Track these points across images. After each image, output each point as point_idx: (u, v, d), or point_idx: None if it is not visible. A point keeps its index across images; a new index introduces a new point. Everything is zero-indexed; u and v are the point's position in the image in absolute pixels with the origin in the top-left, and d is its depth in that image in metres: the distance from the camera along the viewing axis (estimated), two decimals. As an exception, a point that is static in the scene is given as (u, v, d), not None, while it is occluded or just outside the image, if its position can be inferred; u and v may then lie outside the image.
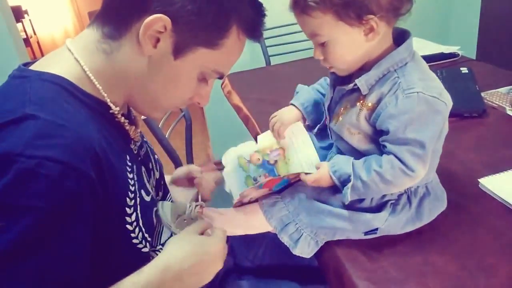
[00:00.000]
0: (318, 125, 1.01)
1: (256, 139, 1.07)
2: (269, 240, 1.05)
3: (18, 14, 5.27)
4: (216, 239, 0.72)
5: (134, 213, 0.69)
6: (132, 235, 0.68)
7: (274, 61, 2.39)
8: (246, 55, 0.82)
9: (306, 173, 0.85)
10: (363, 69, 0.80)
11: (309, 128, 1.04)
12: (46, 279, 0.55)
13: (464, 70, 1.56)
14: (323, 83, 1.04)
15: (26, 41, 5.21)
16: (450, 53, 1.81)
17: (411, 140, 0.74)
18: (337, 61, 0.80)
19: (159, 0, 0.62)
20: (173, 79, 0.69)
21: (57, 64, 0.66)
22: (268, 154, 1.01)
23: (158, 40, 0.64)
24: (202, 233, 0.74)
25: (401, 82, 0.75)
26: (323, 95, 1.02)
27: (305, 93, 1.03)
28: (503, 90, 1.42)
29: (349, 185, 0.78)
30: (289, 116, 1.01)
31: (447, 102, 0.75)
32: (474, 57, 2.08)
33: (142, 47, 0.64)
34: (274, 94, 1.68)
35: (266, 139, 1.04)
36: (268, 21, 0.73)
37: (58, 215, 0.55)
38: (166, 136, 1.47)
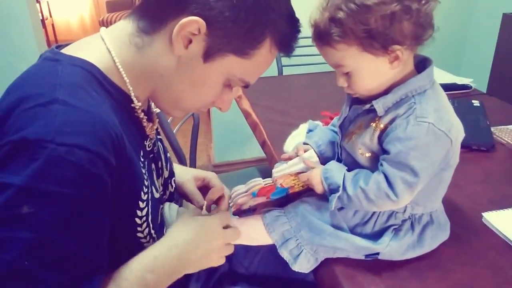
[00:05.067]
0: None
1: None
2: (266, 250, 1.05)
3: (37, -5, 5.29)
4: (218, 233, 0.76)
5: (146, 208, 0.69)
6: (139, 229, 0.69)
7: (286, 71, 2.40)
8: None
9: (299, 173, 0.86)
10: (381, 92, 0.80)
11: None
12: (72, 263, 0.56)
13: (476, 103, 1.56)
14: (335, 122, 1.04)
15: (42, 22, 5.22)
16: (462, 85, 1.82)
17: (409, 168, 0.74)
18: (362, 89, 0.80)
19: (199, 2, 0.63)
20: (199, 82, 0.70)
21: (89, 51, 0.66)
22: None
23: (190, 42, 0.65)
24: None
25: (416, 108, 0.75)
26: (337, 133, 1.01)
27: (319, 132, 1.01)
28: (513, 127, 1.43)
29: (336, 195, 0.79)
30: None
31: (453, 139, 0.75)
32: (484, 91, 2.09)
33: (174, 46, 0.65)
34: (284, 104, 1.69)
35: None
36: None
37: (86, 201, 0.56)
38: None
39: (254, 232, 0.87)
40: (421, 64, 0.80)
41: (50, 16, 5.94)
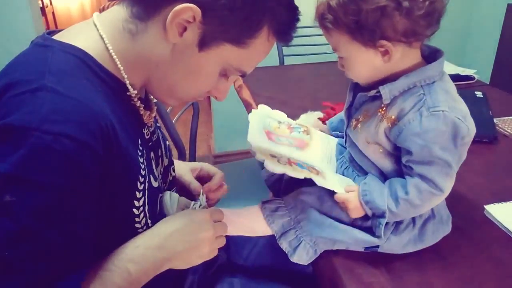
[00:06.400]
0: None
1: None
2: (264, 241, 1.04)
3: (37, -18, 5.23)
4: (208, 225, 0.73)
5: (143, 198, 0.68)
6: (136, 219, 0.67)
7: (287, 61, 2.37)
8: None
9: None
10: (387, 79, 0.79)
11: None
12: (53, 255, 0.55)
13: (478, 94, 1.54)
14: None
15: (42, 10, 5.18)
16: (465, 76, 1.80)
17: (437, 158, 0.73)
18: (356, 76, 0.81)
19: None
20: (194, 71, 0.68)
21: (81, 37, 0.64)
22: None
23: (185, 29, 0.63)
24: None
25: (427, 100, 0.73)
26: None
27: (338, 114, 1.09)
28: (516, 118, 1.41)
29: (383, 221, 0.77)
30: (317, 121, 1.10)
31: (470, 126, 0.74)
32: (487, 82, 2.07)
33: (168, 33, 0.63)
34: (285, 94, 1.67)
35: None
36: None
37: (70, 192, 0.54)
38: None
39: (253, 223, 0.86)
40: (432, 55, 0.79)
41: (51, 3, 5.89)
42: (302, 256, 0.82)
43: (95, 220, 0.60)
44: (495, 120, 1.37)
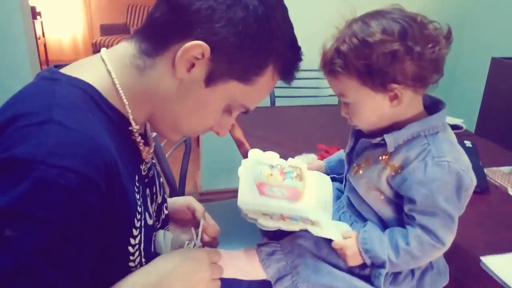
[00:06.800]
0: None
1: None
2: (257, 284, 1.01)
3: (31, 14, 5.29)
4: (205, 267, 0.71)
5: (139, 236, 0.66)
6: (131, 257, 0.65)
7: (278, 102, 2.40)
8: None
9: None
10: (390, 128, 0.79)
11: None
12: None
13: (468, 143, 1.56)
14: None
15: (34, 41, 5.21)
16: (453, 125, 1.84)
17: (441, 210, 0.73)
18: (361, 122, 0.81)
19: (204, 27, 0.62)
20: (200, 106, 0.68)
21: (88, 71, 0.64)
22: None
23: (193, 65, 0.64)
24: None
25: (431, 149, 0.74)
26: None
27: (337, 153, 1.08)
28: (505, 169, 1.43)
29: (383, 271, 0.75)
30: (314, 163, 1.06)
31: (473, 178, 0.75)
32: (472, 131, 2.11)
33: (176, 69, 0.63)
34: (277, 135, 1.67)
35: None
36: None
37: (72, 228, 0.52)
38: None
39: (248, 267, 0.83)
40: (434, 106, 0.80)
41: (43, 35, 5.93)
42: (298, 304, 0.80)
43: (94, 256, 0.57)
44: (484, 170, 1.39)
